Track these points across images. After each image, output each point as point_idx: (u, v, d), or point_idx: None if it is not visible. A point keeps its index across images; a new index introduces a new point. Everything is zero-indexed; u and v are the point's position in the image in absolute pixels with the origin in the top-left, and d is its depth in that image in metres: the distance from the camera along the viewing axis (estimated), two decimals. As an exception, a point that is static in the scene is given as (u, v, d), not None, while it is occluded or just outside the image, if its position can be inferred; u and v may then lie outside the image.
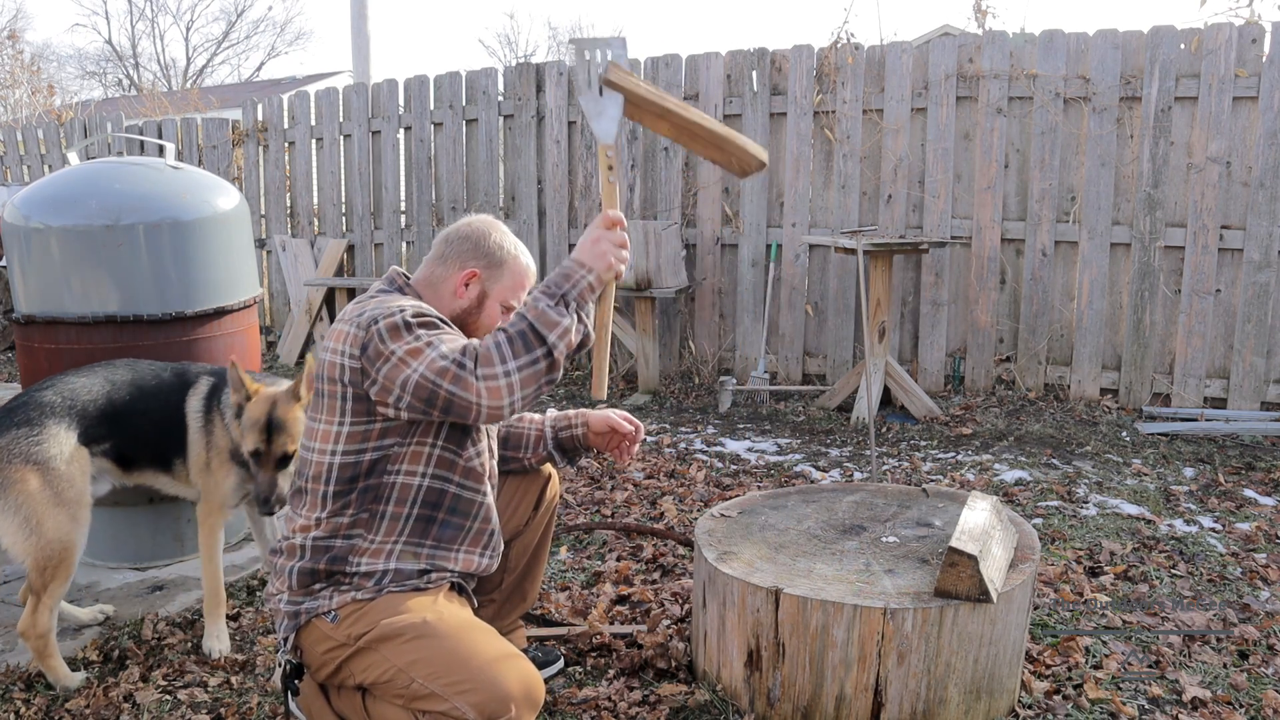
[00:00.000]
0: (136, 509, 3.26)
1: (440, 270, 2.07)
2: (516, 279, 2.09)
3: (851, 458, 4.47)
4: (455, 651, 1.80)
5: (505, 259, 2.08)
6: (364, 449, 1.92)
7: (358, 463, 1.92)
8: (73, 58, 43.23)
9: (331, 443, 1.93)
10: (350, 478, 1.93)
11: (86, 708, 2.35)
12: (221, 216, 3.28)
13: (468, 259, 2.06)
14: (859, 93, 5.47)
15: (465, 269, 2.06)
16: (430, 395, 1.81)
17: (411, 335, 1.84)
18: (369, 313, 1.89)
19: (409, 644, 1.83)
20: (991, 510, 2.32)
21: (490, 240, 2.08)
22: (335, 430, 1.93)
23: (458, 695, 1.75)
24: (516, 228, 6.42)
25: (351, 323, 1.90)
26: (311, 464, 1.96)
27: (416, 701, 1.80)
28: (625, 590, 2.93)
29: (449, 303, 2.06)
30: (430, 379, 1.80)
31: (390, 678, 1.83)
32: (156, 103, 13.87)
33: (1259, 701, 2.32)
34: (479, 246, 2.07)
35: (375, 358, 1.84)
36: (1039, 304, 5.29)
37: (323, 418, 1.95)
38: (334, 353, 1.91)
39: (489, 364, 1.78)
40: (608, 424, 2.37)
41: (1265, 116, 4.74)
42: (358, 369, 1.87)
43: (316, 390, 1.98)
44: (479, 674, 1.76)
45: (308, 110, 7.10)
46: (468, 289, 2.06)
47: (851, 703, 2.10)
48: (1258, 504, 3.75)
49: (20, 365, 3.24)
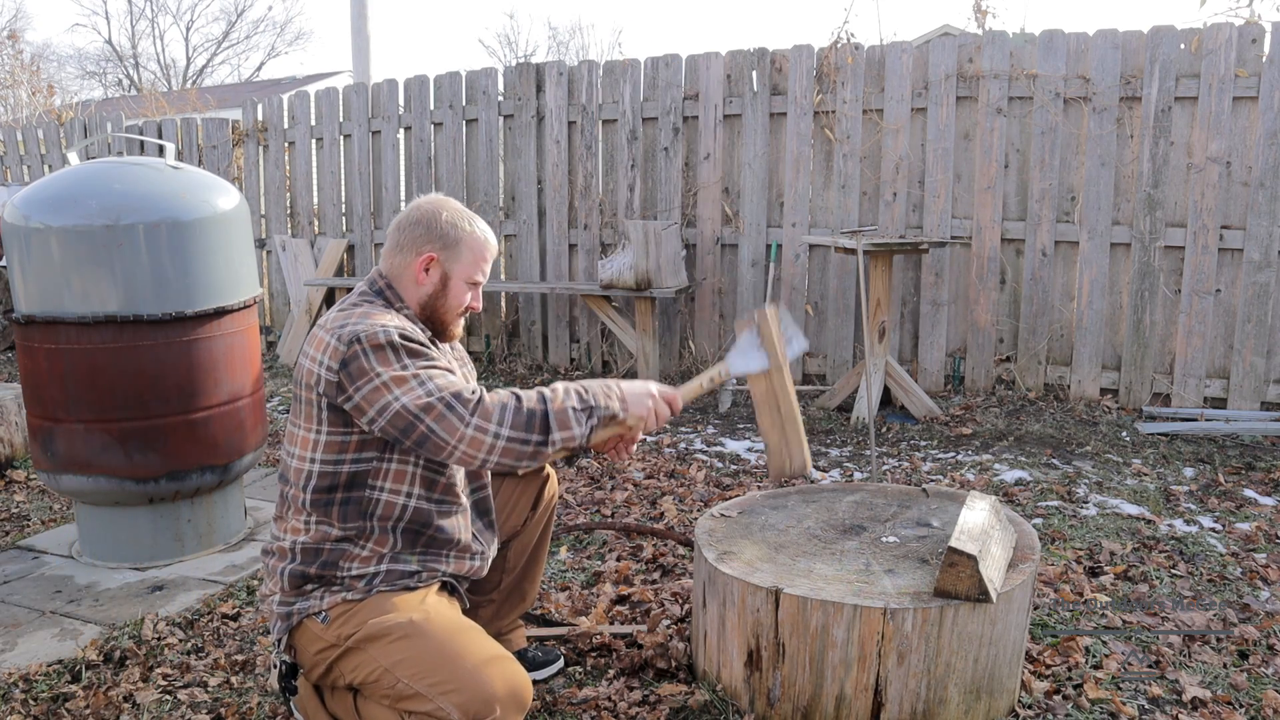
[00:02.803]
0: (136, 509, 3.26)
1: (399, 260, 2.03)
2: (476, 254, 2.04)
3: (851, 458, 4.47)
4: (441, 652, 1.80)
5: (460, 237, 2.03)
6: (341, 459, 1.92)
7: (336, 473, 1.92)
8: (73, 58, 43.22)
9: (310, 450, 1.93)
10: (329, 487, 1.93)
11: (86, 708, 2.35)
12: (221, 216, 3.27)
13: (422, 244, 2.02)
14: (859, 93, 5.47)
15: (422, 254, 2.01)
16: (408, 427, 1.80)
17: (399, 363, 1.82)
18: (350, 327, 1.86)
19: (395, 644, 1.83)
20: (990, 510, 2.32)
21: (442, 220, 2.02)
22: (313, 438, 1.93)
23: (442, 695, 1.75)
24: (516, 228, 6.42)
25: (333, 334, 1.88)
26: (292, 469, 1.97)
27: (402, 701, 1.81)
28: (625, 590, 2.93)
29: (414, 291, 2.03)
30: (412, 411, 1.79)
31: (377, 678, 1.83)
32: (156, 103, 13.86)
33: (1259, 701, 2.32)
34: (431, 229, 2.02)
35: (357, 375, 1.82)
36: (1039, 304, 5.28)
37: (301, 423, 1.95)
38: (313, 360, 1.90)
39: (487, 418, 1.78)
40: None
41: (1265, 116, 4.74)
42: (334, 383, 1.85)
43: (294, 395, 1.98)
44: (463, 674, 1.76)
45: (308, 110, 7.10)
46: (428, 274, 2.02)
47: (851, 703, 2.10)
48: (1258, 504, 3.75)
49: (20, 365, 3.24)
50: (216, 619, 2.84)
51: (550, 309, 6.44)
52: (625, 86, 5.98)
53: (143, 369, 3.12)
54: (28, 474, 4.35)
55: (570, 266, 6.35)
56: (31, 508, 3.95)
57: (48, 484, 3.29)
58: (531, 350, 6.51)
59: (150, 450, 3.17)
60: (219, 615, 2.86)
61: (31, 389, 3.22)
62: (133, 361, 3.11)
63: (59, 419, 3.16)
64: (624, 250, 5.65)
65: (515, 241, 6.49)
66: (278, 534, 2.00)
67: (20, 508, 3.95)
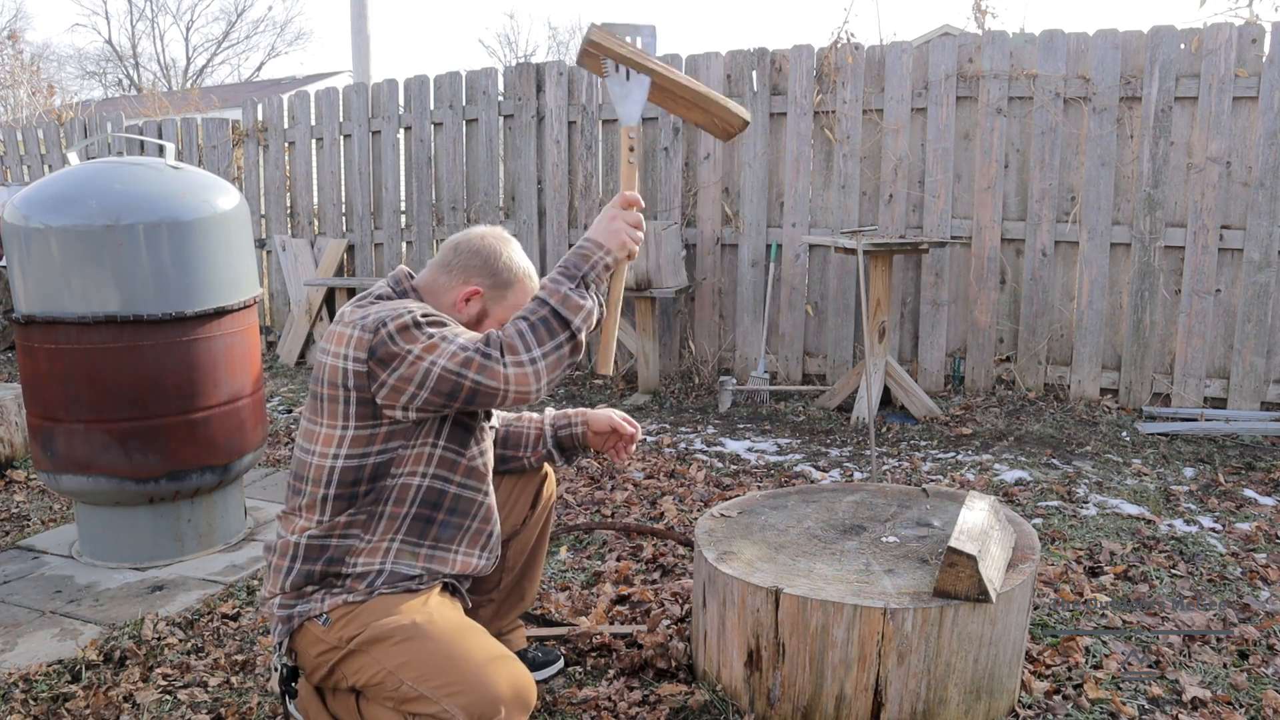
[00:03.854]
0: (136, 509, 3.26)
1: (444, 279, 2.03)
2: (520, 300, 2.05)
3: (851, 458, 4.47)
4: (444, 653, 1.80)
5: (513, 281, 2.03)
6: (368, 452, 1.91)
7: (361, 466, 1.91)
8: (73, 58, 43.28)
9: (334, 446, 1.91)
10: (353, 481, 1.92)
11: (86, 708, 2.35)
12: (221, 216, 3.27)
13: (473, 275, 2.02)
14: (859, 93, 5.47)
15: (469, 284, 2.01)
16: (454, 387, 1.81)
17: (424, 333, 1.83)
18: (374, 315, 1.86)
19: (398, 646, 1.83)
20: (989, 510, 2.32)
21: (500, 260, 2.02)
22: (339, 434, 1.91)
23: (447, 697, 1.75)
24: (516, 228, 6.42)
25: (354, 325, 1.87)
26: (311, 467, 1.94)
27: (406, 704, 1.80)
28: (625, 590, 2.93)
29: (447, 314, 2.01)
30: (454, 370, 1.80)
31: (380, 680, 1.83)
32: (156, 103, 13.87)
33: (1259, 701, 2.32)
34: (488, 264, 2.02)
35: (388, 359, 1.82)
36: (1039, 304, 5.29)
37: (324, 421, 1.93)
38: (335, 356, 1.89)
39: (515, 351, 1.79)
40: (609, 423, 2.37)
41: (1265, 116, 4.74)
42: (363, 373, 1.85)
43: (313, 394, 1.96)
44: (468, 676, 1.76)
45: (308, 110, 7.10)
46: (468, 304, 2.02)
47: (851, 703, 2.10)
48: (1258, 504, 3.75)
49: (20, 365, 3.24)
50: (216, 619, 2.84)
51: (550, 309, 6.42)
52: (625, 86, 5.98)
53: (143, 369, 3.12)
54: (28, 474, 4.35)
55: (570, 266, 6.34)
56: (31, 508, 3.95)
57: (48, 484, 3.29)
58: (531, 350, 6.50)
59: (150, 450, 3.17)
60: (219, 615, 2.86)
61: (31, 389, 3.22)
62: (133, 361, 3.11)
63: (59, 419, 3.17)
64: (624, 250, 5.64)
65: (515, 241, 6.48)
66: (283, 531, 1.99)
67: (20, 508, 3.95)
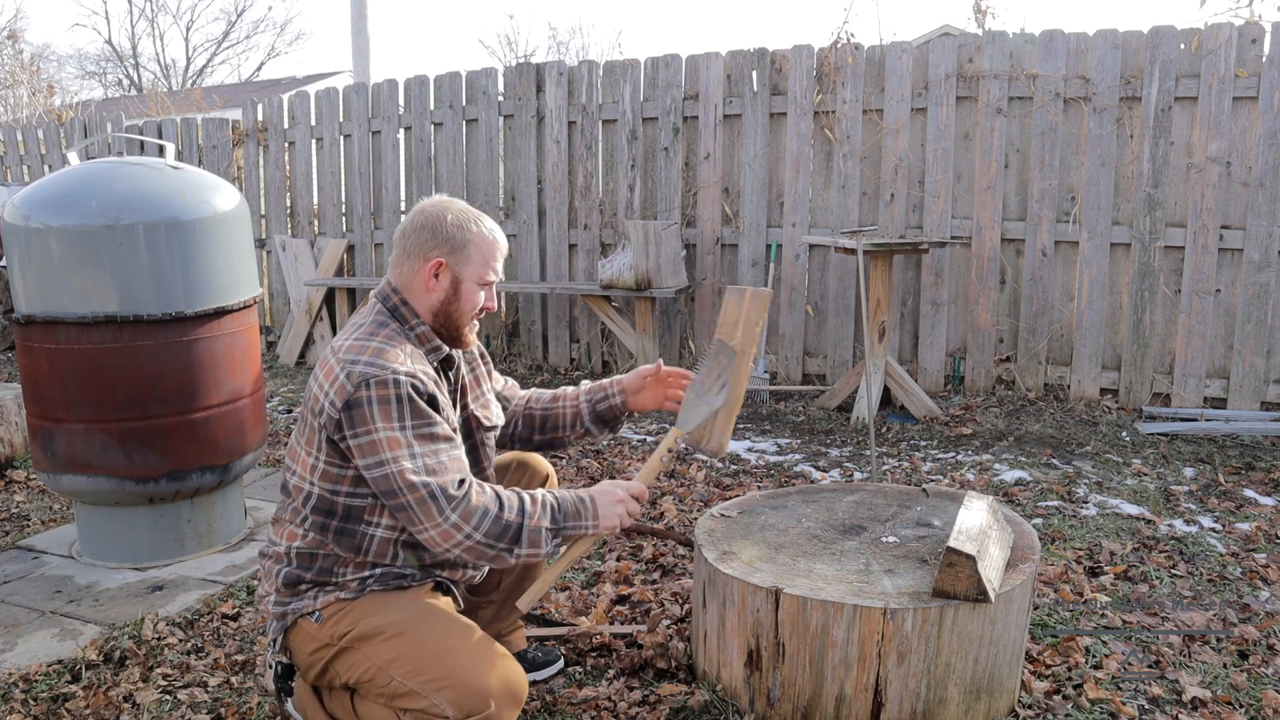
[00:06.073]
0: (136, 509, 3.26)
1: (407, 267, 1.99)
2: (485, 254, 1.99)
3: (851, 458, 4.47)
4: (434, 649, 1.81)
5: (468, 238, 1.97)
6: (338, 491, 1.91)
7: (333, 503, 1.92)
8: (73, 58, 43.29)
9: (309, 473, 1.92)
10: (327, 511, 1.92)
11: (86, 708, 2.35)
12: (221, 216, 3.27)
13: (429, 249, 1.96)
14: (859, 93, 5.47)
15: (429, 260, 1.96)
16: (390, 493, 1.81)
17: (400, 422, 1.81)
18: (362, 367, 1.83)
19: (388, 642, 1.84)
20: (988, 510, 2.32)
21: (447, 223, 1.96)
22: (311, 463, 1.92)
23: (436, 692, 1.76)
24: (516, 228, 6.42)
25: (344, 368, 1.85)
26: (292, 485, 1.96)
27: (397, 699, 1.81)
28: (625, 590, 2.93)
29: (425, 299, 1.99)
30: (398, 485, 1.79)
31: (372, 676, 1.84)
32: (156, 103, 13.87)
33: (1259, 701, 2.32)
34: (437, 233, 1.96)
35: (357, 422, 1.81)
36: (1039, 304, 5.28)
37: (303, 444, 1.94)
38: (321, 389, 1.88)
39: (467, 519, 1.80)
40: (640, 380, 2.30)
41: (1265, 116, 4.74)
42: (335, 420, 1.84)
43: (302, 415, 1.97)
44: (456, 670, 1.77)
45: (308, 110, 7.10)
46: (438, 280, 1.97)
47: (851, 703, 2.10)
48: (1258, 504, 3.75)
49: (20, 365, 3.24)
50: (216, 619, 2.84)
51: (550, 309, 6.44)
52: (625, 86, 5.99)
53: (143, 369, 3.13)
54: (28, 474, 4.35)
55: (570, 266, 6.35)
56: (31, 508, 3.95)
57: (48, 484, 3.29)
58: (531, 350, 6.51)
59: (150, 450, 3.17)
60: (219, 615, 2.86)
61: (31, 389, 3.22)
62: (133, 361, 3.11)
63: (59, 419, 3.17)
64: (624, 250, 5.65)
65: (515, 241, 6.48)
66: (274, 538, 2.00)
67: (20, 508, 3.95)
